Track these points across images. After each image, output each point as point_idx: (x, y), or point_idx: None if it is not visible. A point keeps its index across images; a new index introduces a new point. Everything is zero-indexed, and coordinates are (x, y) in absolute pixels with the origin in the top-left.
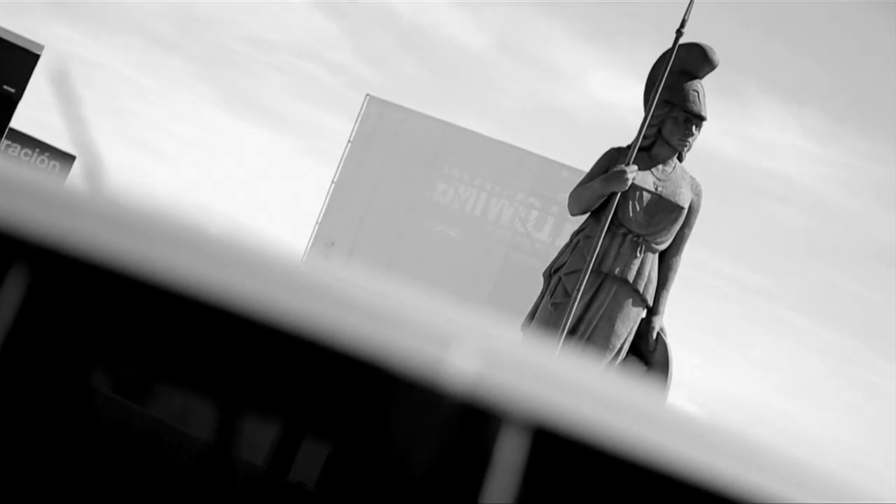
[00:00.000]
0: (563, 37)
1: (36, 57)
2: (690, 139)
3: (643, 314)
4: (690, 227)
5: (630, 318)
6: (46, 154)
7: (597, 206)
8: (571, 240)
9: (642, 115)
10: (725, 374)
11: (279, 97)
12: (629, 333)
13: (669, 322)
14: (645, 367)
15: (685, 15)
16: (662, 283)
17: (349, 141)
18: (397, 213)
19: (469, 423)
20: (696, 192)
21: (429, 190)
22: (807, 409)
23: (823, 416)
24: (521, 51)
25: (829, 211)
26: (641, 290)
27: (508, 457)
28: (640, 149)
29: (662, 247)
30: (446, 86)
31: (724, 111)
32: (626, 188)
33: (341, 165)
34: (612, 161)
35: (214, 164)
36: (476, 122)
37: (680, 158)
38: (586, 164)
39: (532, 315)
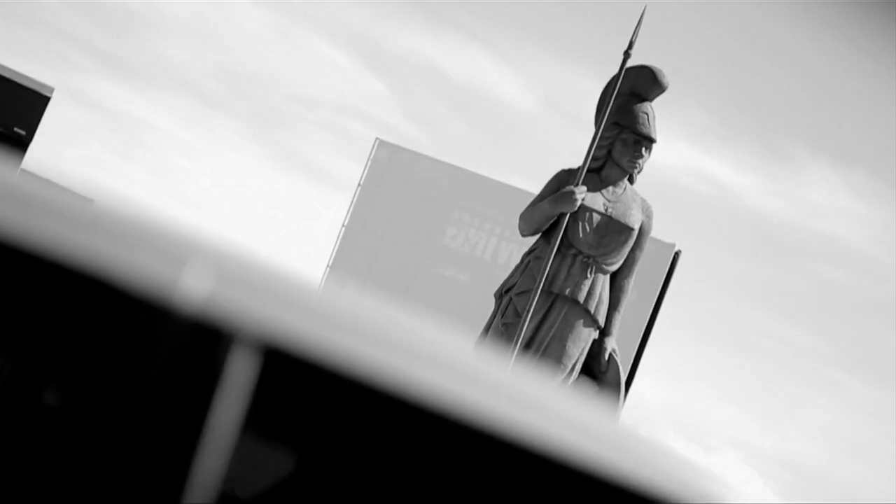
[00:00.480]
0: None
1: (46, 99)
2: (640, 161)
3: (595, 335)
4: (642, 249)
5: (581, 339)
6: None
7: (546, 226)
8: (522, 260)
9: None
10: (781, 435)
11: (326, 155)
12: (580, 354)
13: (723, 383)
14: (597, 388)
15: (633, 37)
16: (614, 304)
17: (359, 185)
18: (408, 256)
19: (199, 342)
20: (647, 214)
21: (439, 234)
22: (860, 470)
23: (876, 478)
24: (568, 110)
25: (877, 272)
26: (592, 311)
27: (238, 376)
28: (590, 170)
29: (613, 268)
30: (493, 145)
31: (775, 174)
32: (575, 209)
33: (351, 210)
34: (562, 182)
35: (258, 217)
36: (523, 182)
37: (631, 180)
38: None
39: (485, 334)
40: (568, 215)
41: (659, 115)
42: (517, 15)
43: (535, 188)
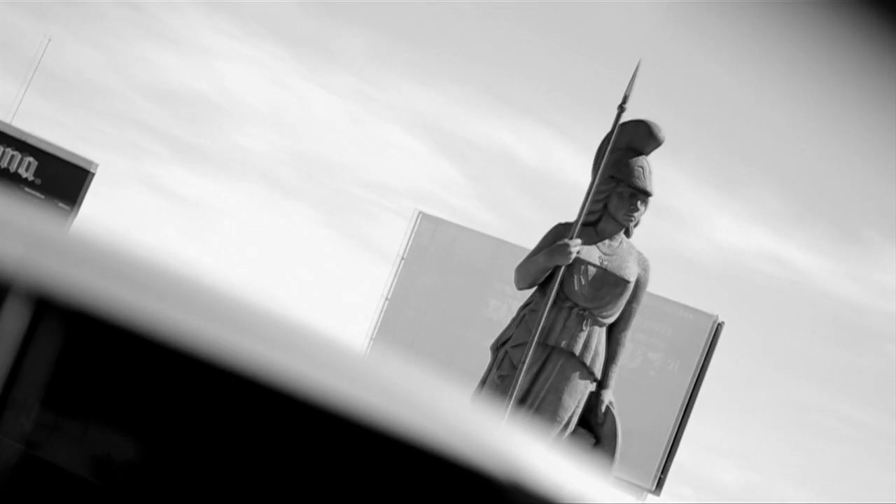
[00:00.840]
0: (686, 182)
1: (90, 174)
2: (636, 214)
3: (591, 387)
4: (638, 302)
5: (577, 391)
6: None
7: (542, 279)
8: (518, 313)
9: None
10: None
11: (400, 242)
12: (577, 406)
13: (798, 465)
14: (593, 440)
15: (627, 91)
16: (611, 357)
17: (402, 258)
18: (450, 328)
19: None
20: (644, 267)
21: (482, 306)
22: None
23: None
24: None
25: None
26: (588, 363)
27: (9, 326)
28: (587, 224)
29: (609, 320)
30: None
31: (848, 256)
32: (570, 261)
33: (394, 283)
34: (559, 236)
35: (328, 298)
36: None
37: (627, 234)
38: (699, 302)
39: (481, 387)
40: (563, 268)
41: (731, 200)
42: (589, 99)
43: None
